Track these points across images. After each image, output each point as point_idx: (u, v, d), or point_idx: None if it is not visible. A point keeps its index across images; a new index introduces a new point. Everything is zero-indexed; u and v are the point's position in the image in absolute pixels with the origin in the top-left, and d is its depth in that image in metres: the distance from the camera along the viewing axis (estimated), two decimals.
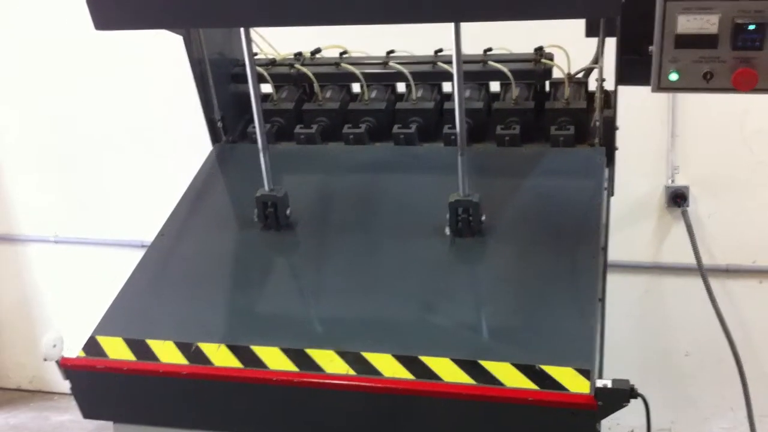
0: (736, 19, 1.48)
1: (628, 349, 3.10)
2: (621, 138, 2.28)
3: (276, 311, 1.82)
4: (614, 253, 3.08)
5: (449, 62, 2.03)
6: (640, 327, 3.21)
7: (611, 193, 2.20)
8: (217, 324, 1.79)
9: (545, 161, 2.13)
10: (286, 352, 1.65)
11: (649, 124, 3.06)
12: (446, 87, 2.38)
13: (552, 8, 1.56)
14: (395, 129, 2.27)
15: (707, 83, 1.56)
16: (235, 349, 1.67)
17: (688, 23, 1.51)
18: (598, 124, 2.12)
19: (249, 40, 1.85)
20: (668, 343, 3.23)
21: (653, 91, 1.60)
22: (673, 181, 3.06)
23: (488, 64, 2.28)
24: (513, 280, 1.79)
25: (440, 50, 2.32)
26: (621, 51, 1.67)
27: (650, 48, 1.58)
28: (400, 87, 2.42)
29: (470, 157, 1.89)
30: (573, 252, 1.83)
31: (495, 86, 2.36)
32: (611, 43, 1.80)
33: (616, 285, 3.13)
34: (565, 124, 2.19)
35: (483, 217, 1.90)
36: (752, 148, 2.98)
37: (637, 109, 2.61)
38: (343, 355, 1.62)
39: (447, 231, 1.90)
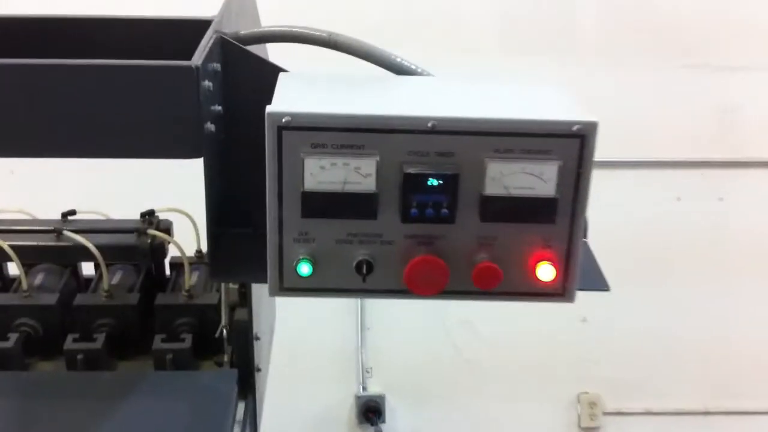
0: (407, 167, 0.81)
1: None
2: (295, 329, 1.61)
3: None
4: None
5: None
6: None
7: None
8: None
9: (143, 395, 1.31)
10: None
11: (332, 311, 2.43)
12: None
13: (106, 147, 0.84)
14: None
15: (364, 282, 0.86)
16: None
17: (320, 173, 0.81)
18: (225, 332, 1.36)
19: None
20: None
21: (272, 294, 0.88)
22: (364, 389, 2.42)
23: (64, 235, 1.47)
24: None
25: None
26: (212, 221, 0.93)
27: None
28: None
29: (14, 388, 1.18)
30: None
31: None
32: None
33: None
34: (184, 330, 1.42)
35: None
36: (456, 342, 2.44)
37: None
38: None
39: None
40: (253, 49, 0.95)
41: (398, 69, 0.94)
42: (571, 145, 0.81)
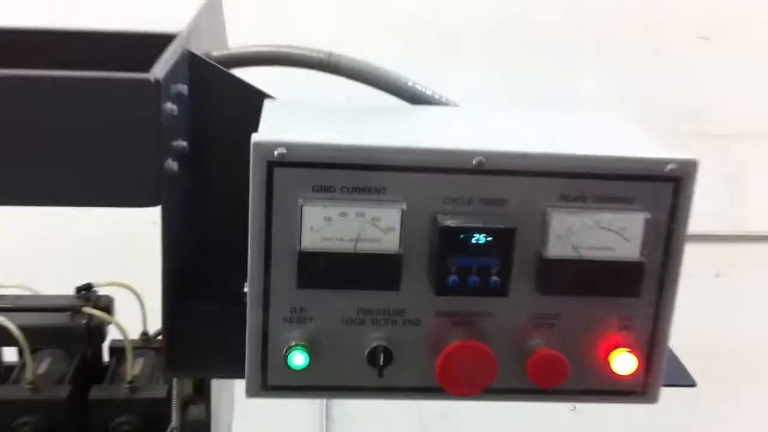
0: (444, 218, 0.60)
1: None
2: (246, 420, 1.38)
3: None
4: None
5: None
6: None
7: None
8: None
9: None
10: None
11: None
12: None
13: (30, 191, 0.60)
14: None
15: (380, 376, 0.63)
16: None
17: (325, 227, 0.59)
18: None
19: None
20: None
21: (251, 395, 0.64)
22: None
23: None
24: None
25: None
26: (170, 295, 0.69)
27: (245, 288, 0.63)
28: None
29: None
30: None
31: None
32: None
33: None
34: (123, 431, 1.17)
35: None
36: None
37: None
38: None
39: None
40: None
41: (416, 97, 0.74)
42: (663, 191, 0.61)
